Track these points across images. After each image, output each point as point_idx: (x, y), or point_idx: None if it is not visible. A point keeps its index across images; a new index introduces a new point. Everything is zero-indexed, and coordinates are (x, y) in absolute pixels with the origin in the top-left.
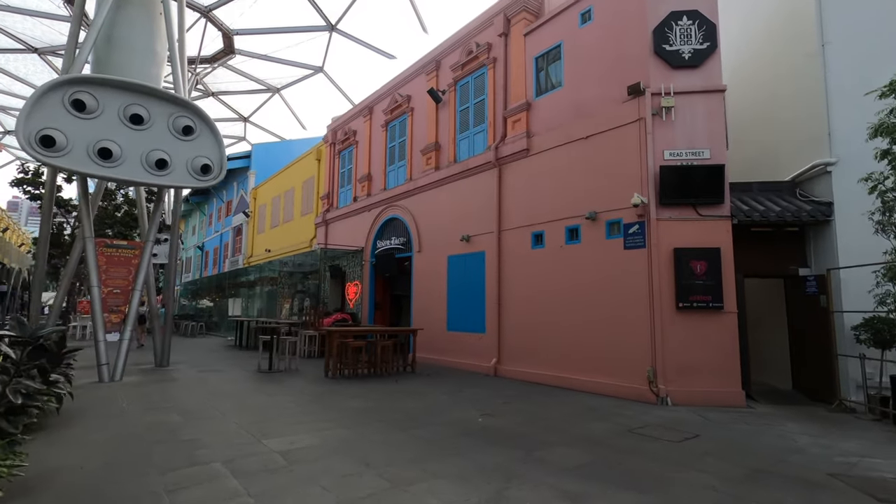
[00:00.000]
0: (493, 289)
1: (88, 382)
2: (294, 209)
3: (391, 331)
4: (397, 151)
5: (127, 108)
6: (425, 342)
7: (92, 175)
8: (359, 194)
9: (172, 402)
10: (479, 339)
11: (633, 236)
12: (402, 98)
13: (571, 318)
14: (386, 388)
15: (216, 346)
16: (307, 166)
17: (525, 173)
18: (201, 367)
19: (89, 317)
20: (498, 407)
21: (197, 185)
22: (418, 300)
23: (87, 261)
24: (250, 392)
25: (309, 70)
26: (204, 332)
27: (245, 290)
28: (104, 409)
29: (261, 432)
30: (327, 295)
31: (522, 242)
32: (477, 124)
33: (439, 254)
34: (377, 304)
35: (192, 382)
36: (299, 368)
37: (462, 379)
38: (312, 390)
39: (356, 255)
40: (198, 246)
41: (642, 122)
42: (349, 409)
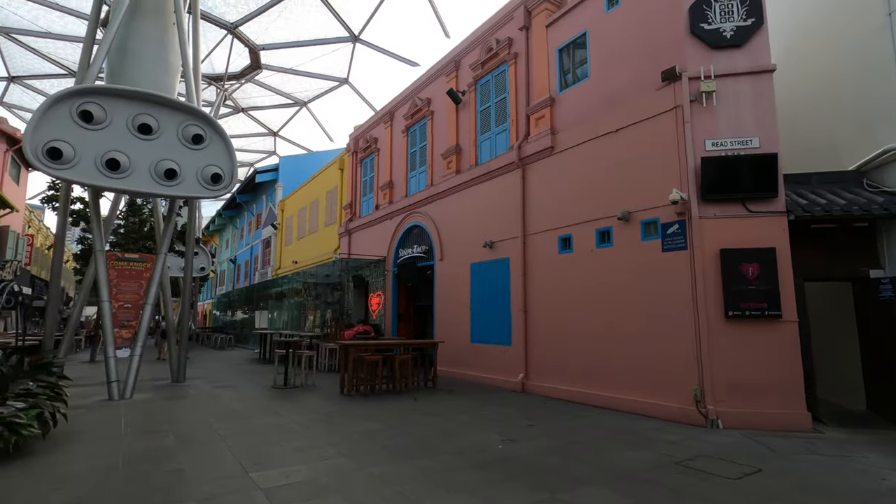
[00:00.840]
0: (518, 297)
1: (98, 401)
2: (319, 220)
3: (410, 344)
4: (418, 157)
5: (135, 117)
6: (448, 355)
7: (100, 187)
8: (380, 202)
9: (174, 423)
10: (505, 351)
11: (673, 237)
12: (422, 102)
13: (605, 328)
14: (401, 407)
15: (240, 360)
16: (331, 177)
17: (550, 173)
18: (217, 383)
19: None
20: (522, 430)
21: (207, 196)
22: (441, 310)
23: (97, 274)
24: (258, 411)
25: (334, 82)
26: (233, 345)
27: (272, 302)
28: (99, 431)
29: (254, 462)
30: (350, 306)
31: (549, 247)
32: (499, 124)
33: (462, 261)
34: (400, 315)
35: (202, 400)
36: (316, 384)
37: (486, 396)
38: (323, 410)
39: (378, 264)
40: (230, 259)
41: (679, 111)
42: (356, 432)
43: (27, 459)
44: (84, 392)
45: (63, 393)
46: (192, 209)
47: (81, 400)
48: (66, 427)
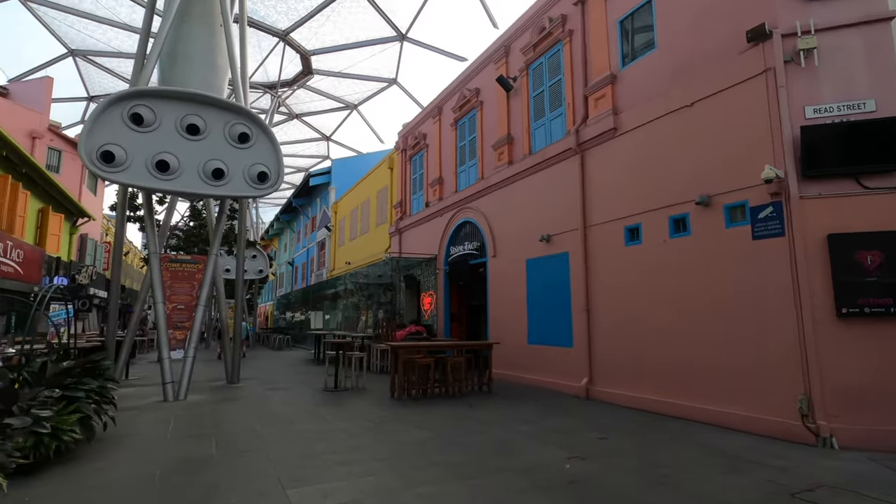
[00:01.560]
0: (579, 295)
1: (153, 402)
2: (370, 220)
3: (463, 345)
4: (468, 150)
5: (183, 118)
6: (503, 357)
7: (150, 189)
8: (430, 199)
9: (219, 428)
10: (566, 354)
11: (766, 222)
12: (471, 92)
13: (683, 329)
14: (455, 413)
15: (296, 360)
16: (380, 176)
17: (613, 157)
18: (269, 385)
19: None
20: (591, 445)
21: (254, 195)
22: (495, 310)
23: (151, 276)
24: (305, 416)
25: (383, 83)
26: (290, 345)
27: (326, 303)
28: (146, 436)
29: (293, 476)
30: (402, 306)
31: (613, 239)
32: (553, 109)
33: (516, 257)
34: (453, 315)
35: (251, 403)
36: (367, 387)
37: (546, 402)
38: (372, 415)
39: (429, 263)
40: (288, 262)
41: (770, 74)
42: (405, 442)
43: (68, 466)
44: (144, 392)
45: (110, 396)
46: (242, 209)
47: (139, 401)
48: (116, 430)
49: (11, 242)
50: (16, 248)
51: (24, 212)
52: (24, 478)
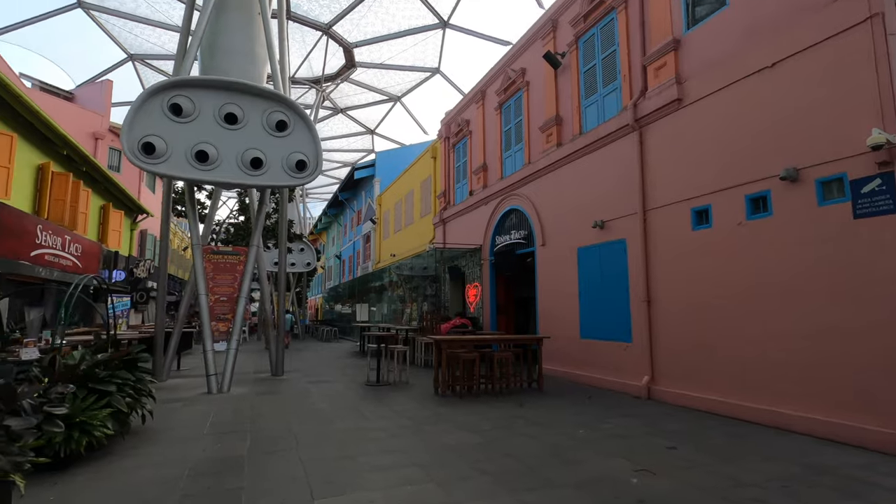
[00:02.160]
0: (638, 285)
1: (198, 394)
2: (414, 211)
3: (511, 339)
4: (513, 134)
5: (222, 108)
6: (553, 352)
7: (190, 179)
8: (474, 187)
9: (256, 424)
10: (624, 349)
11: (872, 197)
12: (516, 73)
13: (765, 323)
14: (503, 414)
15: (342, 353)
16: (424, 166)
17: (677, 132)
18: (312, 377)
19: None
20: (660, 454)
21: (292, 184)
22: (544, 302)
23: (195, 268)
24: (344, 412)
25: (426, 72)
26: (337, 337)
27: (372, 296)
28: (183, 431)
29: (324, 481)
30: (447, 298)
31: (678, 223)
32: (607, 84)
33: (567, 246)
34: (499, 307)
35: (291, 397)
36: (410, 381)
37: (603, 402)
38: (413, 413)
39: (474, 253)
40: (336, 255)
41: (877, 21)
42: (449, 446)
43: (98, 463)
44: (191, 384)
45: (147, 390)
46: (283, 199)
47: (185, 392)
48: (155, 423)
49: (70, 237)
50: (74, 243)
51: (87, 208)
52: (50, 474)
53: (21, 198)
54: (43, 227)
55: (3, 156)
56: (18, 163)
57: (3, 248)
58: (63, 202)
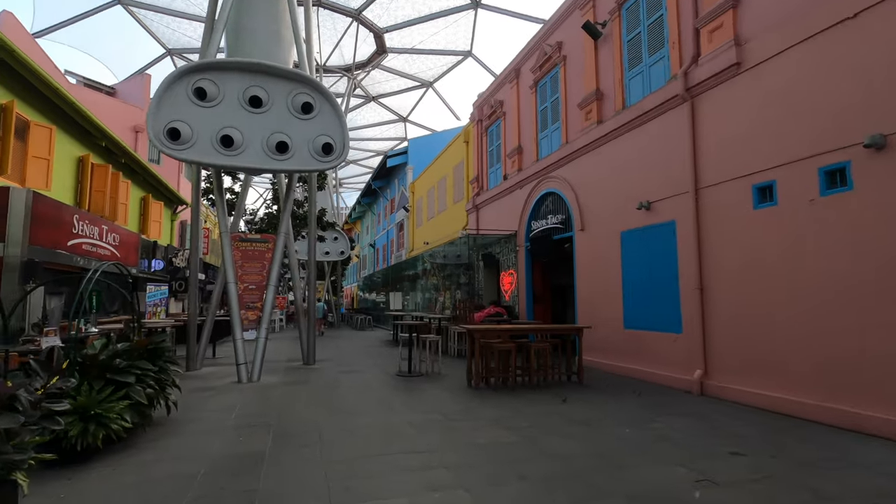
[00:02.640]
0: (690, 271)
1: (228, 383)
2: (447, 198)
3: (548, 329)
4: (549, 113)
5: (246, 91)
6: (593, 343)
7: (216, 165)
8: (509, 171)
9: (282, 416)
10: (673, 341)
11: None
12: (552, 48)
13: (844, 312)
14: (541, 409)
15: (375, 341)
16: (456, 152)
17: (734, 99)
18: (343, 367)
19: (279, 311)
20: (723, 462)
21: (319, 168)
22: (583, 290)
23: (223, 256)
24: (373, 405)
25: (458, 56)
26: (371, 326)
27: (405, 284)
28: (208, 422)
29: (345, 485)
30: (481, 286)
31: (736, 201)
32: (653, 52)
33: (608, 230)
34: (536, 296)
35: (320, 388)
36: (442, 372)
37: (651, 398)
38: (444, 407)
39: (509, 240)
40: (370, 244)
41: None
42: (482, 445)
43: (117, 456)
44: (223, 372)
45: (171, 381)
46: (312, 185)
47: (216, 381)
48: (181, 414)
49: (107, 227)
50: (112, 232)
51: (127, 199)
52: (67, 468)
53: (62, 189)
54: (79, 216)
55: (42, 148)
56: (58, 155)
57: (40, 238)
58: (103, 193)
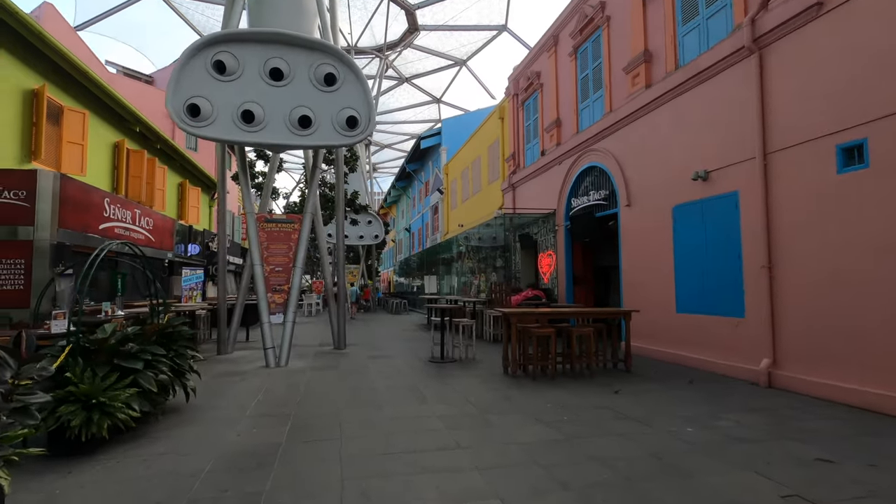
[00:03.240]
0: (756, 247)
1: (256, 368)
2: (481, 178)
3: (592, 313)
4: (591, 81)
5: (266, 63)
6: (641, 328)
7: (238, 142)
8: (546, 147)
9: (303, 406)
10: (735, 326)
11: None
12: (594, 9)
13: None
14: (587, 402)
15: (409, 325)
16: (491, 130)
17: (814, 48)
18: (374, 352)
19: (315, 296)
20: (812, 470)
21: (344, 143)
22: (629, 270)
23: (248, 237)
24: (400, 394)
25: (492, 31)
26: (406, 309)
27: (440, 268)
28: (226, 411)
29: (361, 490)
30: (518, 268)
31: (816, 165)
32: (712, 1)
33: (658, 205)
34: (576, 277)
35: (348, 374)
36: (476, 358)
37: (710, 389)
38: (478, 397)
39: (547, 219)
40: (406, 228)
41: None
42: (521, 444)
43: (124, 446)
44: (254, 356)
45: (186, 366)
46: (339, 161)
47: (245, 365)
48: (201, 401)
49: (140, 211)
50: (145, 216)
51: (164, 185)
52: (71, 460)
53: (98, 175)
54: (110, 200)
55: (76, 133)
56: (93, 140)
57: (70, 221)
58: (139, 179)
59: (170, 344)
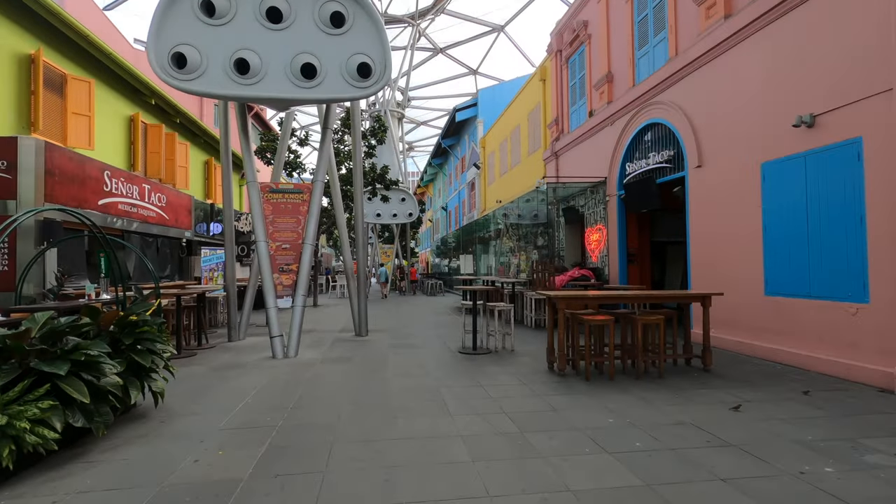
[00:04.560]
0: (886, 211)
1: (261, 359)
2: (521, 149)
3: (660, 297)
4: (651, 22)
5: (263, 1)
6: (715, 314)
7: (231, 97)
8: (595, 106)
9: (298, 409)
10: (853, 313)
11: None
12: None
13: None
14: (662, 417)
15: (443, 308)
16: (531, 94)
17: None
18: (398, 340)
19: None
20: None
21: (355, 96)
22: (699, 245)
23: (251, 209)
24: (420, 398)
25: None
26: (442, 290)
27: (476, 247)
28: (196, 421)
29: None
30: (562, 245)
31: None
32: None
33: (741, 163)
34: (630, 255)
35: (365, 368)
36: (516, 348)
37: (832, 401)
38: (517, 406)
39: (596, 189)
40: (442, 207)
41: None
42: (581, 492)
43: (39, 478)
44: (265, 344)
45: (151, 364)
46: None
47: (250, 356)
48: (178, 403)
49: (149, 186)
50: (156, 192)
51: (186, 162)
52: None
53: (111, 149)
54: (111, 173)
55: (81, 103)
56: (103, 112)
57: (60, 195)
58: (157, 154)
59: (131, 337)
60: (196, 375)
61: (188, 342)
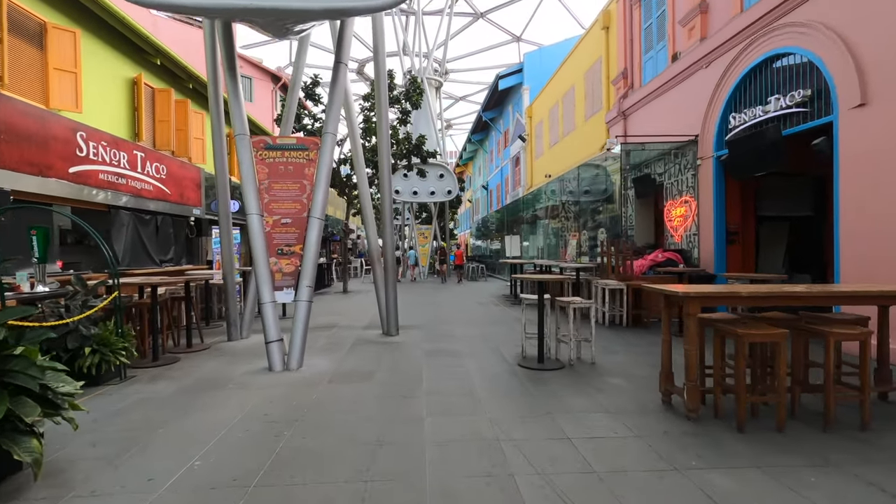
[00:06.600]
0: None
1: (253, 371)
2: (575, 114)
3: (864, 296)
4: None
5: None
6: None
7: (197, 9)
8: (682, 48)
9: (278, 488)
10: None
11: None
12: None
13: None
14: None
15: (487, 296)
16: (590, 48)
17: None
18: (436, 343)
19: None
20: None
21: (367, 7)
22: (852, 220)
23: (240, 171)
24: (474, 459)
25: None
26: (485, 275)
27: (524, 227)
28: (105, 501)
29: None
30: (632, 223)
31: None
32: None
33: None
34: (731, 234)
35: (393, 389)
36: (596, 360)
37: None
38: (638, 485)
39: (681, 151)
40: (483, 186)
41: None
42: None
43: None
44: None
45: (24, 410)
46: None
47: (242, 365)
48: (98, 455)
49: (143, 154)
50: (153, 162)
51: (202, 134)
52: None
53: (109, 115)
54: (86, 134)
55: (65, 58)
56: (95, 70)
57: (11, 159)
58: (166, 123)
59: None
60: (153, 401)
61: (177, 342)
